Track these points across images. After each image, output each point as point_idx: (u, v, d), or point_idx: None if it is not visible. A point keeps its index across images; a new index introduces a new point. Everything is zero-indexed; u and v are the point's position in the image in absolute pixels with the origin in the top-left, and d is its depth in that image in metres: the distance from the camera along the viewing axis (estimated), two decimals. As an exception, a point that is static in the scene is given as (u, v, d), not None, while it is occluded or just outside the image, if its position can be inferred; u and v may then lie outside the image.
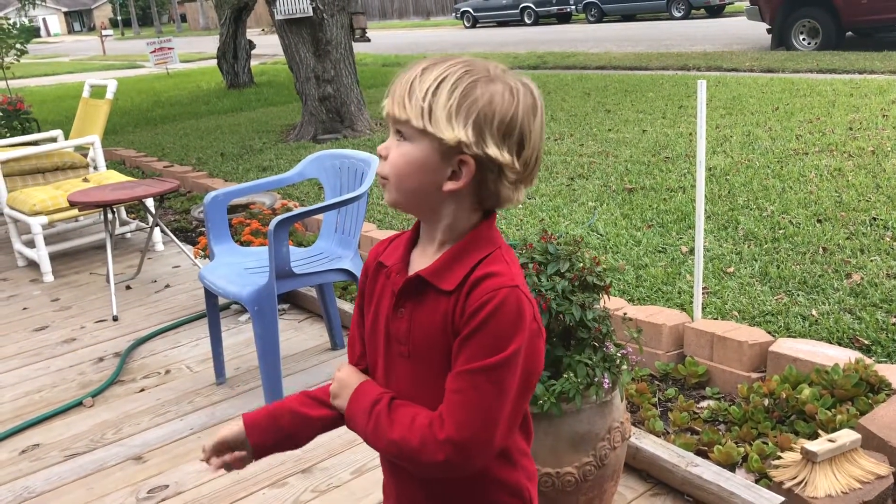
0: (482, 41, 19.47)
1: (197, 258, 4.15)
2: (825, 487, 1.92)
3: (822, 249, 3.51)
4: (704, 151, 2.65)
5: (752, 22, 11.85)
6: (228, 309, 3.80)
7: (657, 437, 2.29)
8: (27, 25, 10.57)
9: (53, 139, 5.48)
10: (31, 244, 4.66)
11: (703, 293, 3.03)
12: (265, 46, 21.63)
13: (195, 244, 4.51)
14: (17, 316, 4.04)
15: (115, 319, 3.83)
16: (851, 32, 11.01)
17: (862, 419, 2.15)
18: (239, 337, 3.52)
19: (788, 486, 1.97)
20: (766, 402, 2.40)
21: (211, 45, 18.80)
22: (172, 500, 2.35)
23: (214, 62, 14.52)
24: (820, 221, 3.88)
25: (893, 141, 5.24)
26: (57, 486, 2.48)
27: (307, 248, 3.27)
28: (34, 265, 4.70)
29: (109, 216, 4.20)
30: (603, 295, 2.01)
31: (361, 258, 3.01)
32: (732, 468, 2.17)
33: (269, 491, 2.35)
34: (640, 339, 2.13)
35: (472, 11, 26.63)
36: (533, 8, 24.58)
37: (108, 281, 4.09)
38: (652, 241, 3.87)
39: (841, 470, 1.96)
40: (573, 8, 23.78)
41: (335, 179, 3.18)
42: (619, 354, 1.98)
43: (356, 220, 3.06)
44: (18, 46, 9.42)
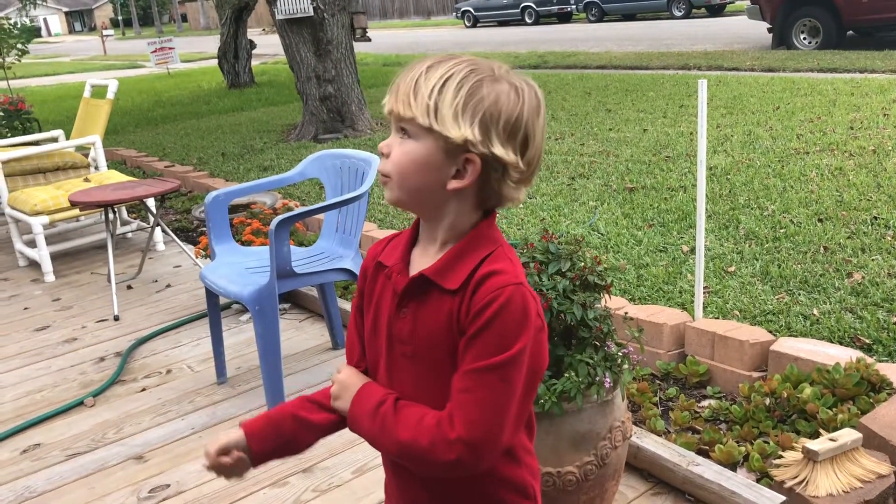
0: (483, 41, 19.47)
1: (198, 258, 4.16)
2: (826, 486, 1.92)
3: (823, 248, 3.51)
4: (705, 151, 2.65)
5: (752, 21, 11.86)
6: (229, 308, 3.80)
7: (658, 436, 2.29)
8: (28, 25, 10.58)
9: (54, 139, 5.49)
10: (32, 244, 4.67)
11: (704, 292, 3.03)
12: (266, 46, 21.63)
13: (196, 244, 4.51)
14: (18, 316, 4.04)
15: (116, 319, 3.84)
16: (852, 31, 11.01)
17: (863, 418, 2.15)
18: (240, 336, 3.52)
19: (790, 485, 1.97)
20: (767, 401, 2.40)
21: (212, 44, 18.82)
22: (173, 499, 2.36)
23: (215, 62, 14.53)
24: (821, 221, 3.87)
25: (894, 140, 5.24)
26: (58, 485, 2.48)
27: (308, 247, 3.27)
28: (35, 265, 4.71)
29: (110, 216, 4.20)
30: (604, 294, 2.01)
31: (362, 257, 3.01)
32: (734, 467, 2.17)
33: (269, 490, 2.35)
34: (641, 338, 2.13)
35: (472, 11, 26.64)
36: (534, 7, 24.58)
37: (109, 281, 4.09)
38: (653, 240, 3.87)
39: (842, 469, 1.96)
40: (574, 7, 23.80)
41: (336, 179, 3.18)
42: (620, 354, 1.98)
43: (357, 219, 3.06)
44: (19, 46, 9.43)
